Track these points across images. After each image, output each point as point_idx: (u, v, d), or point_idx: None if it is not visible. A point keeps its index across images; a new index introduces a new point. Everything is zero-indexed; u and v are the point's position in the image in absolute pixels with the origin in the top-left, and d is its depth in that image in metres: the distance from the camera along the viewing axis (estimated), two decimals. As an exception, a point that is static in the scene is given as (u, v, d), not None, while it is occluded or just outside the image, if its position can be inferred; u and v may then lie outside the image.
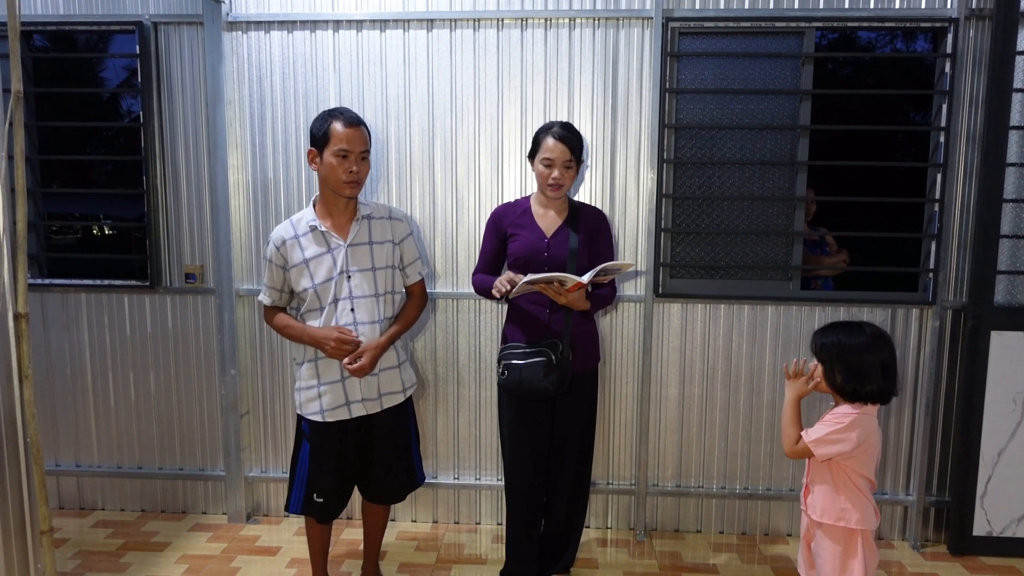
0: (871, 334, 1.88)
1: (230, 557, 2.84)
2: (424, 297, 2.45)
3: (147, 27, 2.96)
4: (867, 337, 1.87)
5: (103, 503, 3.26)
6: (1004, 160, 2.74)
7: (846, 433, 1.82)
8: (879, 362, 1.84)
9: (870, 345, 1.86)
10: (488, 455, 3.10)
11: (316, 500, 2.31)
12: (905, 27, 2.87)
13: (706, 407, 3.03)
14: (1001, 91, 2.71)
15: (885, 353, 1.86)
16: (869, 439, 1.85)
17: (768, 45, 2.91)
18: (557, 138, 2.29)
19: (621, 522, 3.12)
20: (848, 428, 1.83)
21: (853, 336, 1.88)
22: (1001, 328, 2.80)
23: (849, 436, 1.82)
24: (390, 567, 2.77)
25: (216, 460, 3.20)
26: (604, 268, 2.17)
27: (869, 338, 1.87)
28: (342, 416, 2.25)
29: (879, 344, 1.86)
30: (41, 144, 3.16)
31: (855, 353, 1.86)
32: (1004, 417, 2.84)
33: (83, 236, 3.38)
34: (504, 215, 2.45)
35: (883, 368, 1.84)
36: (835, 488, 1.89)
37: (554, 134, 2.31)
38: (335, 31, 2.93)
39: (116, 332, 3.14)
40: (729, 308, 2.97)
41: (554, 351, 2.29)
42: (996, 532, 2.88)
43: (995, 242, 2.77)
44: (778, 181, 2.96)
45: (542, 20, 2.87)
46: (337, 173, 2.15)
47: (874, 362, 1.84)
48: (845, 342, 1.89)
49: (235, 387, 3.05)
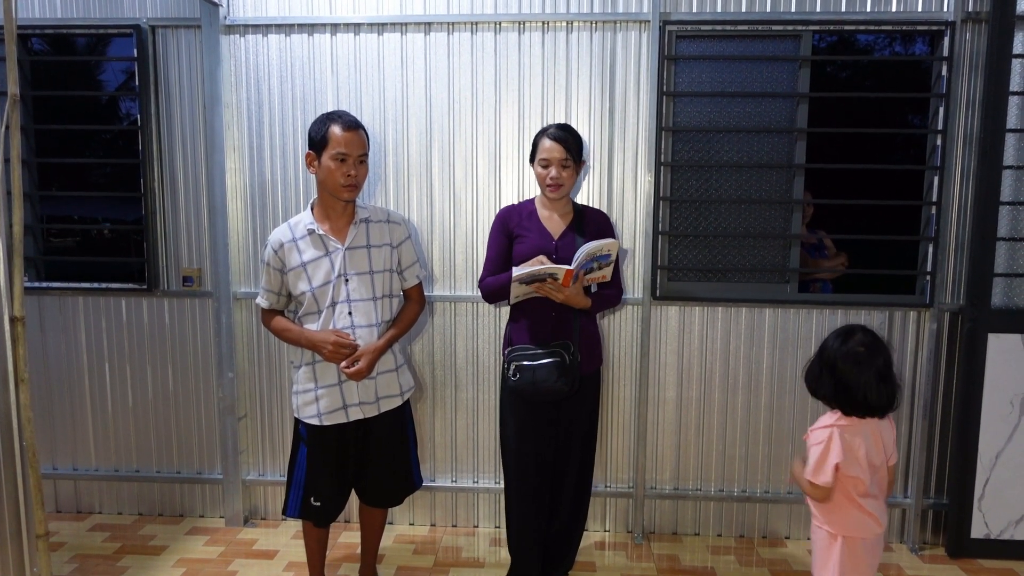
0: (863, 343, 1.83)
1: (227, 561, 2.83)
2: (422, 300, 2.45)
3: (145, 30, 2.96)
4: (854, 347, 1.82)
5: (100, 507, 3.25)
6: (1001, 163, 2.75)
7: (827, 456, 1.82)
8: (874, 372, 1.80)
9: (858, 357, 1.81)
10: (486, 458, 3.10)
11: (313, 504, 2.30)
12: (902, 30, 2.88)
13: (704, 410, 3.03)
14: (998, 94, 2.72)
15: (879, 362, 1.81)
16: (854, 451, 1.82)
17: (765, 48, 2.91)
18: (553, 138, 2.31)
19: (619, 525, 3.11)
20: (825, 451, 1.82)
21: (843, 345, 1.84)
22: (998, 330, 2.81)
23: (830, 457, 1.81)
24: (388, 570, 2.76)
25: (214, 463, 3.19)
26: (587, 251, 2.14)
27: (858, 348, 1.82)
28: (339, 420, 2.25)
29: (869, 355, 1.81)
30: (39, 147, 3.16)
31: (845, 364, 1.82)
32: (1002, 419, 2.84)
33: (81, 239, 3.37)
34: (510, 216, 2.45)
35: (879, 377, 1.80)
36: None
37: (550, 135, 2.32)
38: (333, 34, 2.93)
39: (114, 335, 3.14)
40: (727, 311, 2.97)
41: (567, 352, 2.28)
42: (994, 535, 2.88)
43: (992, 245, 2.77)
44: (775, 184, 2.96)
45: (539, 24, 2.87)
46: (335, 176, 2.14)
47: (866, 376, 1.80)
48: (833, 351, 1.85)
49: (233, 390, 3.05)
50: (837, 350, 1.84)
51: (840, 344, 1.85)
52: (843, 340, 1.85)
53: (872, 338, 1.85)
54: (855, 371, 1.81)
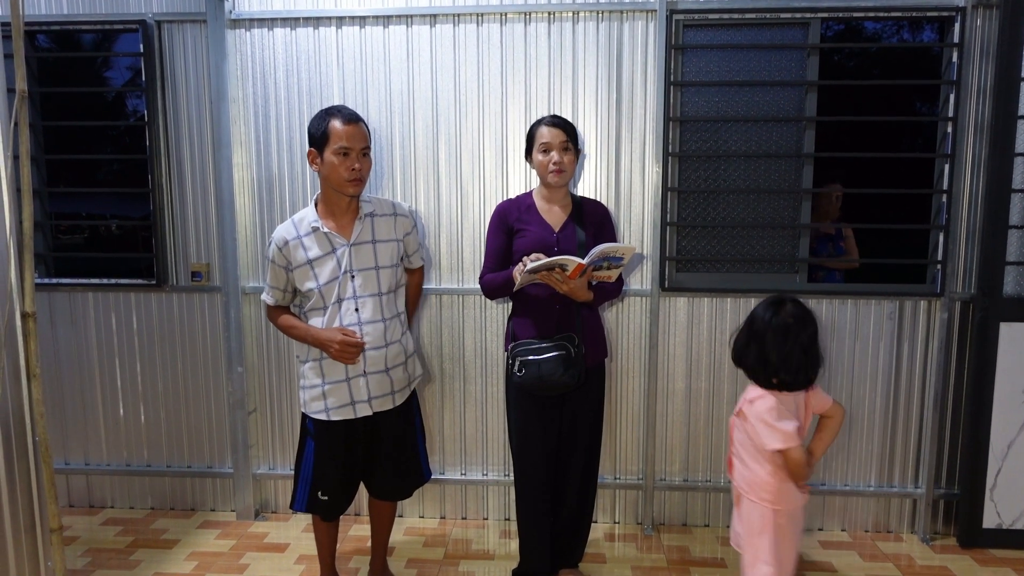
0: (791, 315, 1.83)
1: (239, 554, 2.85)
2: (422, 278, 2.56)
3: (150, 26, 2.96)
4: (784, 319, 1.83)
5: (112, 501, 3.28)
6: (1012, 150, 2.72)
7: (778, 424, 1.82)
8: (799, 346, 1.80)
9: (787, 329, 1.82)
10: (495, 450, 3.11)
11: (321, 498, 2.31)
12: (911, 17, 2.85)
13: (713, 401, 3.02)
14: (1009, 80, 2.69)
15: (804, 336, 1.81)
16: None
17: (773, 37, 2.89)
18: (549, 124, 2.32)
19: (629, 517, 3.11)
20: (777, 417, 1.82)
21: (771, 317, 1.84)
22: (1010, 319, 2.78)
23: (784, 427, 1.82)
24: (398, 563, 2.77)
25: (224, 457, 3.21)
26: (603, 250, 2.12)
27: (787, 320, 1.82)
28: (347, 415, 2.25)
29: (798, 327, 1.81)
30: (47, 144, 3.17)
31: (771, 337, 1.83)
32: (1013, 409, 2.82)
33: (90, 235, 3.38)
34: (509, 210, 2.43)
35: (803, 351, 1.80)
36: (757, 462, 1.90)
37: (545, 122, 2.33)
38: (338, 27, 2.92)
39: (123, 331, 3.15)
40: (736, 301, 2.96)
41: (571, 344, 2.28)
42: (1006, 524, 2.86)
43: (1004, 233, 2.75)
44: (784, 173, 2.94)
45: (545, 14, 2.86)
46: (339, 171, 2.14)
47: (791, 348, 1.80)
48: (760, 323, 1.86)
49: (242, 384, 3.06)
50: (767, 321, 1.85)
51: (771, 315, 1.85)
52: (774, 311, 1.85)
53: (801, 310, 1.85)
54: (781, 342, 1.81)
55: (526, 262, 2.15)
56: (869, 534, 3.02)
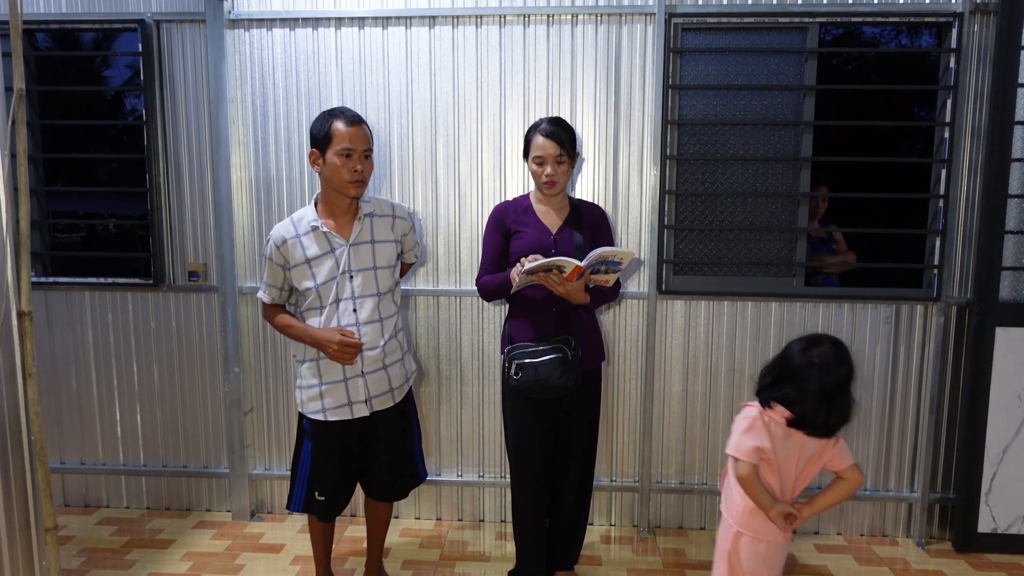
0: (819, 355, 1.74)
1: (234, 554, 2.84)
2: (408, 271, 2.55)
3: (149, 25, 2.96)
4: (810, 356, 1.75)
5: (108, 500, 3.27)
6: (1009, 155, 2.73)
7: (741, 436, 1.80)
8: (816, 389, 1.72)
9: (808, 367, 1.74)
10: (491, 452, 3.10)
11: (318, 498, 2.31)
12: (909, 22, 2.86)
13: (710, 404, 3.02)
14: (1006, 86, 2.70)
15: (826, 381, 1.72)
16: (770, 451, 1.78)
17: (771, 41, 2.89)
18: (545, 135, 2.28)
19: (625, 519, 3.11)
20: (746, 428, 1.79)
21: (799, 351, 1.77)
22: (1006, 324, 2.79)
23: (743, 440, 1.78)
24: (394, 564, 2.77)
25: (220, 457, 3.21)
26: (602, 253, 2.11)
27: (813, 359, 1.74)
28: (344, 416, 2.24)
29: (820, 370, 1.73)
30: (45, 143, 3.16)
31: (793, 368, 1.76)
32: (1009, 414, 2.82)
33: (87, 234, 3.38)
34: (506, 212, 2.43)
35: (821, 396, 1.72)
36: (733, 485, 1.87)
37: (542, 131, 2.29)
38: (337, 28, 2.92)
39: (120, 330, 3.15)
40: (732, 305, 2.96)
41: (568, 347, 2.27)
42: (1001, 529, 2.87)
43: (1000, 238, 2.76)
44: (781, 177, 2.95)
45: (544, 16, 2.86)
46: (341, 173, 2.14)
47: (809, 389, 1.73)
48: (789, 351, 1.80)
49: (239, 384, 3.06)
50: (794, 352, 1.78)
51: (799, 348, 1.78)
52: (804, 346, 1.78)
53: (833, 355, 1.75)
54: (801, 379, 1.74)
55: (524, 263, 2.15)
56: (864, 538, 3.03)
